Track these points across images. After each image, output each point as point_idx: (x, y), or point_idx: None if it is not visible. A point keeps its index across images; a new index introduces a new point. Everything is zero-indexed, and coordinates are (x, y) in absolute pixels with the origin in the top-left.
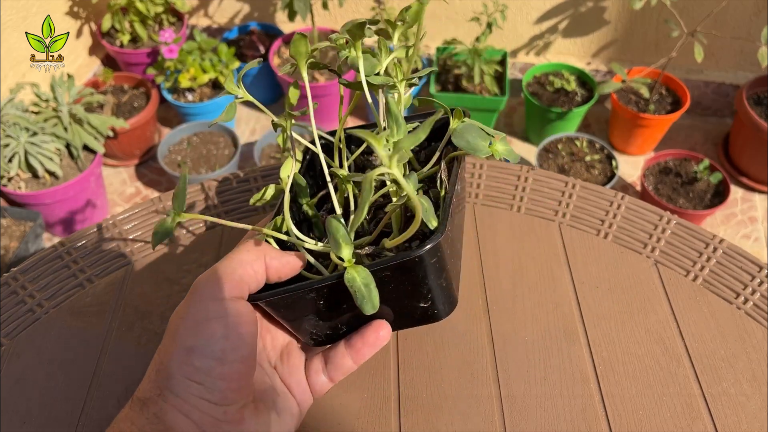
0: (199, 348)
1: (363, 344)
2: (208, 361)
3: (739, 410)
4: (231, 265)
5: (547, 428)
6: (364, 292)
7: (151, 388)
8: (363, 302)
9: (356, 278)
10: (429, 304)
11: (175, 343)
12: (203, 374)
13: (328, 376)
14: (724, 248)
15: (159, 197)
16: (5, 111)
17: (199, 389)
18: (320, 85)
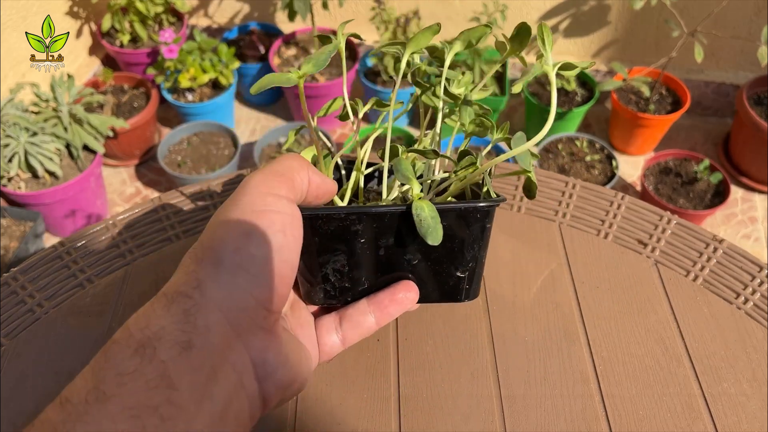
0: (259, 235)
1: (391, 300)
2: (265, 250)
3: (739, 410)
4: (281, 168)
5: (547, 428)
6: (430, 222)
7: (186, 281)
8: (428, 232)
9: (425, 208)
10: (465, 275)
11: (230, 228)
12: (258, 264)
13: (342, 336)
14: (724, 248)
15: (159, 197)
16: (5, 111)
17: (249, 281)
18: (322, 85)
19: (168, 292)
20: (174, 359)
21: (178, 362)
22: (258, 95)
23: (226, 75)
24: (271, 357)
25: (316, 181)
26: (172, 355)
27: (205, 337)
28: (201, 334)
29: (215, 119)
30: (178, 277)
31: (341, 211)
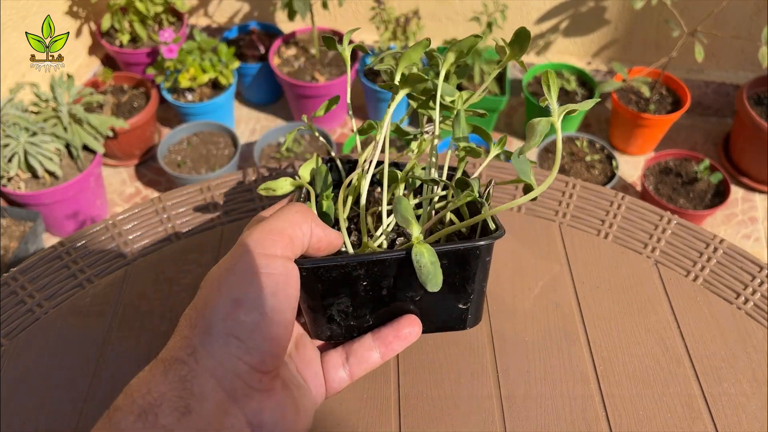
0: (248, 301)
1: (395, 337)
2: (255, 316)
3: (740, 410)
4: (281, 224)
5: (547, 428)
6: (430, 269)
7: (182, 347)
8: (428, 279)
9: (424, 254)
10: (467, 306)
11: (220, 294)
12: (248, 331)
13: (348, 371)
14: (724, 248)
15: (159, 197)
16: (5, 111)
17: (240, 348)
18: (322, 85)
19: (166, 358)
20: (174, 424)
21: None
22: (258, 95)
23: (225, 75)
24: (267, 417)
25: (318, 234)
26: (171, 420)
27: (201, 403)
28: (198, 400)
29: (215, 119)
30: (175, 341)
31: (342, 260)
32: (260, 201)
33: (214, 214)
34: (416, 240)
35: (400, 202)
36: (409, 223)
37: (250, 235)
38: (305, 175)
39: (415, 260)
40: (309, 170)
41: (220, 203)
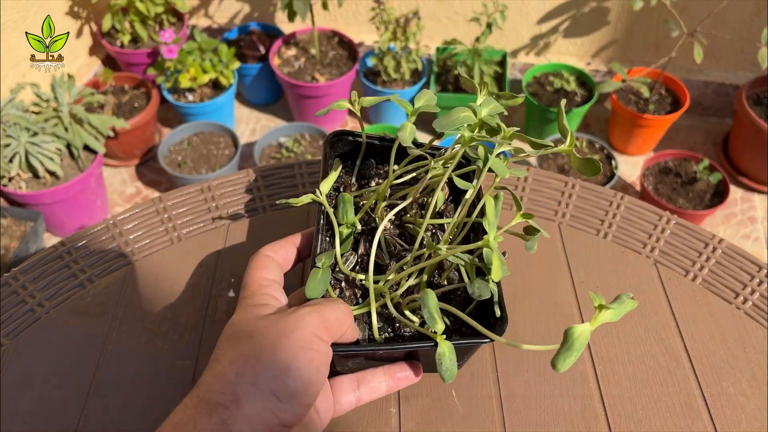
0: (296, 370)
1: (403, 376)
2: (298, 385)
3: (739, 410)
4: (333, 318)
5: (547, 428)
6: (449, 365)
7: (225, 392)
8: (446, 373)
9: (446, 353)
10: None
11: (275, 357)
12: (288, 395)
13: (358, 396)
14: (723, 248)
15: (159, 197)
16: (6, 111)
17: (277, 407)
18: (321, 86)
19: (210, 401)
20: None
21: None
22: (258, 95)
23: (226, 75)
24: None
25: (350, 332)
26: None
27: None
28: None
29: (215, 119)
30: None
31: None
32: (260, 201)
33: (215, 214)
34: (439, 337)
35: (428, 297)
36: (434, 321)
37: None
38: (325, 189)
39: (438, 358)
40: (329, 185)
41: (221, 203)
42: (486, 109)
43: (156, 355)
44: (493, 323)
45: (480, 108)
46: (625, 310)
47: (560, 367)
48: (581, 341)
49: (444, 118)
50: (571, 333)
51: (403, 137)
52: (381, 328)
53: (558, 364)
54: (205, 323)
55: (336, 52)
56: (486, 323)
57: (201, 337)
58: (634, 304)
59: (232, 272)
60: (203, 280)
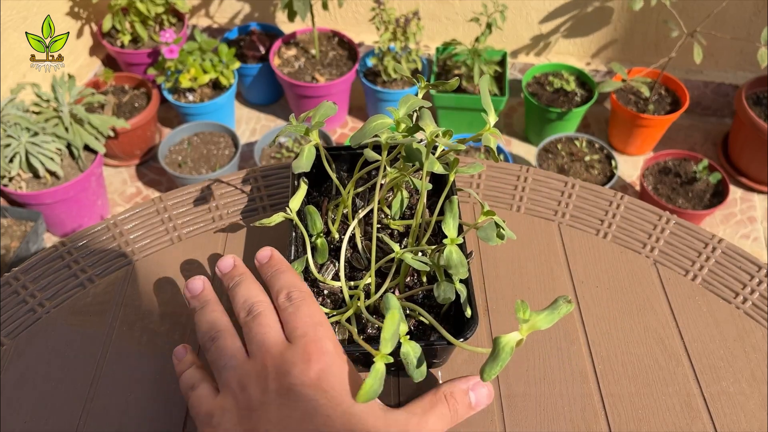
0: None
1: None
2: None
3: (738, 409)
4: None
5: (547, 428)
6: (415, 364)
7: None
8: (413, 372)
9: (410, 353)
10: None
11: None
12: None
13: None
14: (723, 248)
15: (159, 197)
16: (6, 111)
17: None
18: (321, 86)
19: None
20: None
21: None
22: (258, 95)
23: (226, 75)
24: None
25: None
26: None
27: None
28: None
29: (216, 119)
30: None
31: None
32: (260, 201)
33: (215, 214)
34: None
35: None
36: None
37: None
38: (294, 206)
39: (403, 358)
40: (299, 201)
41: (221, 203)
42: (403, 108)
43: (156, 354)
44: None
45: (397, 110)
46: (559, 316)
47: (486, 376)
48: (507, 350)
49: (358, 131)
50: (498, 342)
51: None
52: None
53: (484, 373)
54: None
55: (336, 52)
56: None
57: None
58: (569, 307)
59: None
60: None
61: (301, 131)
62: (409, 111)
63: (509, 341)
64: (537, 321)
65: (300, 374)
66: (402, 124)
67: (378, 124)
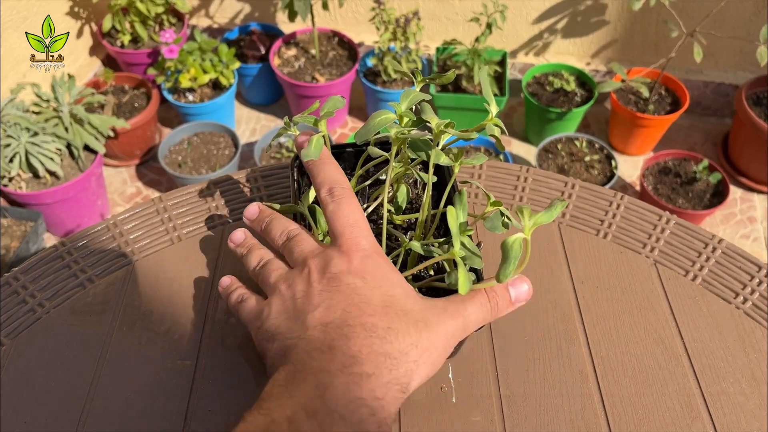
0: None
1: None
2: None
3: (738, 409)
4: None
5: (547, 428)
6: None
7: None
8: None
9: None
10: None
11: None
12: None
13: None
14: (723, 248)
15: (159, 197)
16: (6, 111)
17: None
18: (321, 86)
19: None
20: None
21: None
22: (258, 95)
23: (226, 75)
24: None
25: None
26: None
27: None
28: None
29: (215, 119)
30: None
31: None
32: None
33: (215, 214)
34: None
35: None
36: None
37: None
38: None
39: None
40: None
41: (221, 203)
42: (405, 102)
43: (156, 354)
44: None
45: (399, 104)
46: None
47: (501, 277)
48: (515, 249)
49: (363, 128)
50: (505, 244)
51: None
52: None
53: (500, 275)
54: (205, 323)
55: (336, 52)
56: None
57: (201, 337)
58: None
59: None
60: (203, 280)
61: (309, 122)
62: (411, 105)
63: (515, 240)
64: (538, 219)
65: (339, 264)
66: (405, 118)
67: (382, 119)
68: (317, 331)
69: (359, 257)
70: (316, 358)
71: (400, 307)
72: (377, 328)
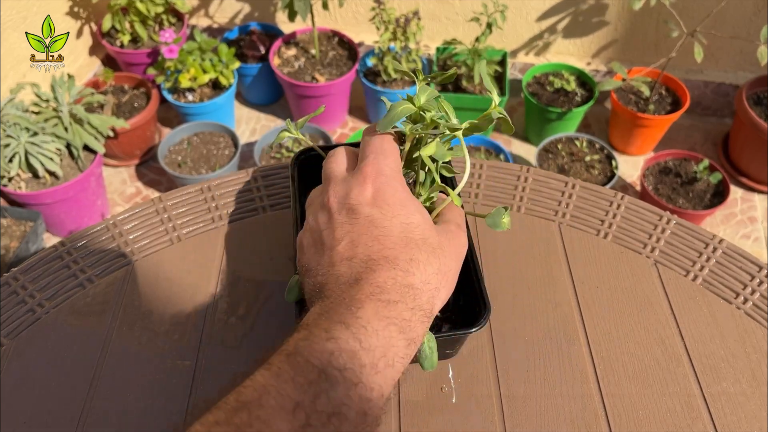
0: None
1: None
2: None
3: (739, 410)
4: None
5: (547, 428)
6: (427, 354)
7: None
8: (424, 361)
9: (424, 342)
10: (453, 351)
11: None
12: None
13: None
14: (723, 248)
15: (159, 197)
16: (5, 111)
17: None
18: (321, 86)
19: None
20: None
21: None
22: (258, 95)
23: (226, 75)
24: None
25: None
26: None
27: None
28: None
29: (215, 119)
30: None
31: None
32: (260, 201)
33: (215, 214)
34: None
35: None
36: None
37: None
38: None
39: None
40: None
41: (221, 203)
42: (423, 96)
43: (156, 355)
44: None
45: (417, 96)
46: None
47: (379, 128)
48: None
49: (385, 117)
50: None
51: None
52: None
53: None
54: (205, 323)
55: (336, 52)
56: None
57: (201, 337)
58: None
59: (232, 272)
60: (203, 280)
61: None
62: (429, 98)
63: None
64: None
65: (357, 195)
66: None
67: (404, 109)
68: (344, 266)
69: (376, 186)
70: (346, 291)
71: (419, 236)
72: (399, 260)
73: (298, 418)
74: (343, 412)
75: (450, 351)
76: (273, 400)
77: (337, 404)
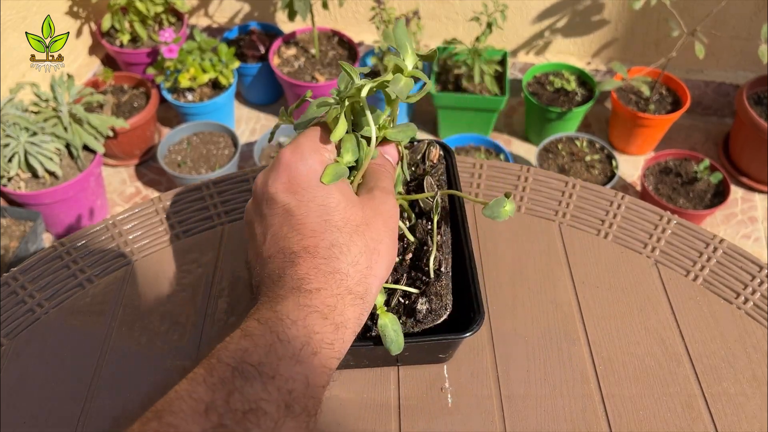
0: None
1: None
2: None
3: (739, 410)
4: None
5: (547, 428)
6: (393, 337)
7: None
8: (391, 345)
9: (388, 325)
10: (446, 355)
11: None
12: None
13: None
14: (724, 248)
15: (159, 197)
16: (5, 111)
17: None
18: (322, 85)
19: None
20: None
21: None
22: (258, 95)
23: (226, 75)
24: None
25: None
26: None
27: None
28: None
29: (215, 119)
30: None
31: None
32: None
33: (214, 213)
34: (380, 310)
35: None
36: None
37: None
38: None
39: (380, 330)
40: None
41: (220, 203)
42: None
43: (155, 354)
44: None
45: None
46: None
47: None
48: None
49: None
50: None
51: (396, 90)
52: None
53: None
54: (205, 323)
55: (336, 52)
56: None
57: (201, 337)
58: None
59: (231, 272)
60: (203, 280)
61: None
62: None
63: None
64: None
65: (273, 182)
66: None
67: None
68: (271, 263)
69: (291, 171)
70: (272, 289)
71: (339, 216)
72: (319, 248)
73: (210, 419)
74: (262, 407)
75: (443, 355)
76: (184, 404)
77: (254, 400)
